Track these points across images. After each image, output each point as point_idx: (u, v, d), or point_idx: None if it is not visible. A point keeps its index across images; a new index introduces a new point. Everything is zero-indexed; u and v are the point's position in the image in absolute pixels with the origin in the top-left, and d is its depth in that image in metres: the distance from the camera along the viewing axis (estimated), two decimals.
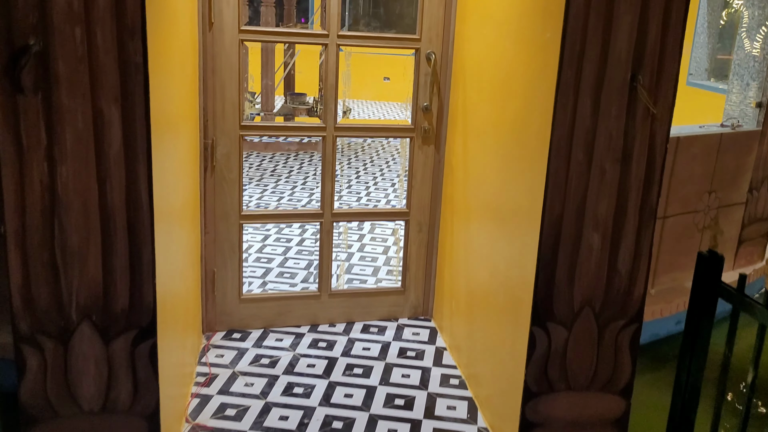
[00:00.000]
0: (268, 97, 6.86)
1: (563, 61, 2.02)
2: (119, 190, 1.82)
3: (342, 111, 7.47)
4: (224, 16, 2.86)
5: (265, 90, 6.88)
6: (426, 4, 3.07)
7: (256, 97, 7.28)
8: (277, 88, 8.04)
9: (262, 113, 6.85)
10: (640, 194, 2.16)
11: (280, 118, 7.08)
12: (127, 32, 1.74)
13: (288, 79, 8.45)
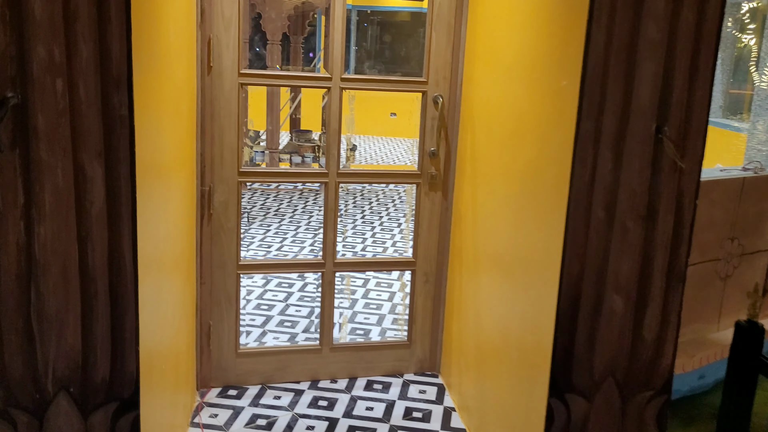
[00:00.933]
0: (273, 134, 6.76)
1: (582, 111, 1.88)
2: (101, 251, 1.68)
3: (348, 148, 7.38)
4: (223, 59, 2.75)
5: (270, 127, 6.79)
6: (433, 47, 2.95)
7: (261, 135, 7.19)
8: (283, 125, 7.96)
9: (266, 151, 6.75)
10: (667, 254, 2.00)
11: (286, 164, 6.99)
12: (111, 84, 1.62)
13: (294, 114, 8.38)
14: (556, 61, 2.04)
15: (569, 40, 1.94)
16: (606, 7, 1.82)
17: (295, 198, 6.76)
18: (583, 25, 1.85)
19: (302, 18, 7.90)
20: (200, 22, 2.69)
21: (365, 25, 14.44)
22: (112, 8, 1.59)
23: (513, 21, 2.38)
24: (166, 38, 2.09)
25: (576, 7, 1.89)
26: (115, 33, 1.60)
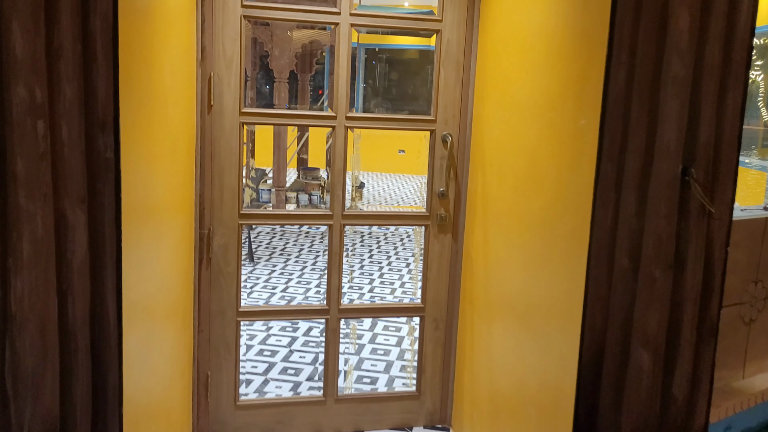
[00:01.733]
0: (280, 172, 6.67)
1: (602, 153, 1.75)
2: (82, 304, 1.54)
3: (356, 186, 7.27)
4: (224, 98, 2.65)
5: (276, 165, 6.71)
6: (441, 84, 2.85)
7: (267, 173, 7.11)
8: (290, 162, 7.89)
9: (273, 189, 6.65)
10: (697, 306, 1.84)
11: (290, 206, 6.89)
12: (97, 125, 1.50)
13: (302, 152, 8.32)
14: (573, 99, 1.92)
15: (587, 77, 1.82)
16: (626, 42, 1.71)
17: (301, 237, 6.64)
18: (601, 61, 1.73)
19: (310, 56, 7.88)
20: (200, 59, 2.60)
21: (374, 63, 14.50)
22: (99, 46, 1.49)
23: (526, 58, 2.27)
24: (161, 76, 1.99)
25: (594, 43, 1.78)
26: (102, 72, 1.50)
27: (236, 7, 2.61)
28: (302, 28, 6.61)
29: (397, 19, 2.87)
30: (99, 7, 1.48)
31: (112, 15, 1.49)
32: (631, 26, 1.70)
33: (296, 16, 2.72)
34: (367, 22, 2.80)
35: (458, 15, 2.81)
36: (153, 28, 1.87)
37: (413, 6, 12.03)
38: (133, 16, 1.65)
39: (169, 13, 2.08)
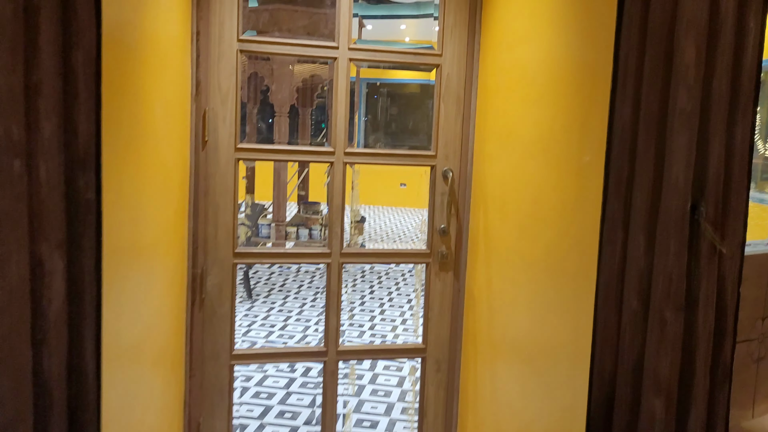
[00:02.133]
0: (279, 207, 6.61)
1: (608, 190, 1.67)
2: (59, 356, 1.45)
3: (356, 220, 7.20)
4: (219, 133, 2.59)
5: (276, 200, 6.65)
6: (442, 119, 2.79)
7: (267, 207, 7.05)
8: (290, 196, 7.84)
9: (272, 224, 6.58)
10: (710, 349, 1.74)
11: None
12: (77, 164, 1.44)
13: (302, 186, 8.27)
14: (576, 135, 1.85)
15: (591, 111, 1.76)
16: (631, 75, 1.64)
17: (301, 272, 6.55)
18: (606, 95, 1.67)
19: (311, 90, 7.89)
20: (195, 94, 2.55)
21: (375, 97, 14.56)
22: (81, 81, 1.43)
23: (528, 92, 2.21)
24: (151, 112, 1.93)
25: (598, 77, 1.72)
26: (83, 108, 1.43)
27: (232, 41, 2.57)
28: (303, 62, 6.61)
29: (397, 53, 2.82)
30: (82, 41, 1.42)
31: (95, 49, 1.44)
32: (636, 60, 1.64)
33: (294, 50, 2.68)
34: (365, 56, 2.76)
35: (458, 49, 2.77)
36: (142, 62, 1.81)
37: (413, 41, 12.12)
38: (119, 50, 1.60)
39: (161, 47, 2.03)
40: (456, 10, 2.75)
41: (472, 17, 2.76)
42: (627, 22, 1.63)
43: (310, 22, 5.48)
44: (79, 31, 1.41)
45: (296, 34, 5.52)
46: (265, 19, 5.45)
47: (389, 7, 9.52)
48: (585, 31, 1.80)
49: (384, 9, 9.61)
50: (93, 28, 1.42)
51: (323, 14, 5.54)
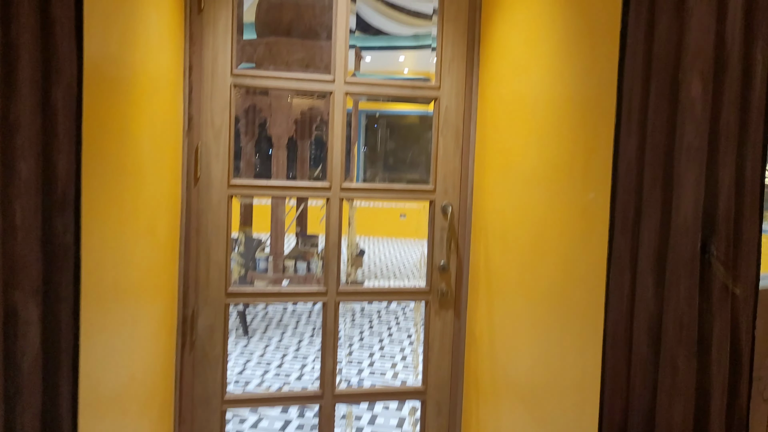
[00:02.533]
0: (277, 240, 6.54)
1: (614, 229, 1.60)
2: (32, 411, 1.36)
3: (355, 253, 7.12)
4: (212, 169, 2.53)
5: (274, 233, 6.58)
6: (440, 153, 2.73)
7: (265, 241, 6.97)
8: (289, 228, 7.76)
9: (270, 257, 6.50)
10: (725, 395, 1.65)
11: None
12: (55, 206, 1.36)
13: (301, 219, 8.20)
14: (580, 171, 1.78)
15: (594, 147, 1.69)
16: (636, 110, 1.58)
17: (299, 306, 6.44)
18: (610, 130, 1.60)
19: (309, 122, 7.86)
20: (187, 130, 2.49)
21: (375, 127, 14.58)
22: (60, 119, 1.36)
23: (528, 126, 2.15)
24: (138, 148, 1.87)
25: (601, 111, 1.65)
26: (62, 147, 1.37)
27: (226, 75, 2.52)
28: (302, 95, 6.59)
29: (394, 86, 2.78)
30: (62, 77, 1.36)
31: (76, 86, 1.38)
32: (641, 94, 1.58)
33: (289, 84, 2.63)
34: (362, 90, 2.71)
35: (456, 82, 2.72)
36: (129, 97, 1.75)
37: (412, 72, 12.16)
38: (103, 85, 1.53)
39: (150, 82, 1.97)
40: (454, 42, 2.70)
41: (470, 49, 2.71)
42: (630, 55, 1.57)
43: (308, 54, 5.47)
44: (59, 67, 1.35)
45: (293, 66, 5.50)
46: (262, 51, 5.43)
47: (387, 39, 9.57)
48: (587, 63, 1.74)
49: (382, 41, 9.66)
50: (74, 63, 1.36)
51: (320, 46, 5.53)
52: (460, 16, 2.69)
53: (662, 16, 1.56)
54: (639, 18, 1.55)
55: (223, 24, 2.49)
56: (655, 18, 1.56)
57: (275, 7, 5.75)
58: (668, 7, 1.56)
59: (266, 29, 5.78)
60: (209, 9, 2.48)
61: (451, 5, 2.68)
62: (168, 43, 2.20)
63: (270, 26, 5.75)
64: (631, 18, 1.56)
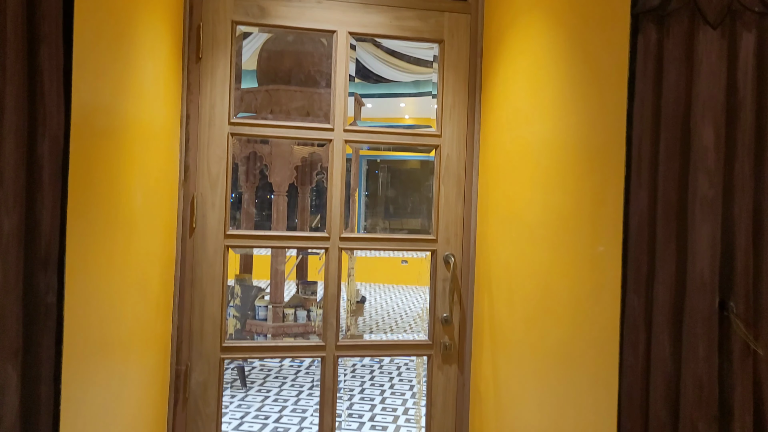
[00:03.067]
0: (277, 288, 6.43)
1: (627, 284, 1.52)
2: None
3: (355, 300, 7.01)
4: (208, 219, 2.46)
5: (274, 281, 6.48)
6: (442, 201, 2.67)
7: (265, 288, 6.87)
8: (289, 275, 7.66)
9: (270, 305, 6.38)
10: None
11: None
12: (38, 263, 1.29)
13: (301, 266, 8.10)
14: (588, 222, 1.71)
15: (603, 198, 1.62)
16: (646, 160, 1.52)
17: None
18: (619, 180, 1.54)
19: (310, 168, 7.84)
20: (183, 180, 2.44)
21: (376, 172, 14.59)
22: (46, 172, 1.30)
23: (532, 174, 2.09)
24: (130, 200, 1.80)
25: (610, 160, 1.59)
26: (47, 202, 1.30)
27: (223, 124, 2.48)
28: (302, 144, 6.58)
29: (394, 134, 2.73)
30: (49, 129, 1.30)
31: (63, 138, 1.32)
32: (651, 143, 1.52)
33: (287, 133, 2.58)
34: (362, 138, 2.66)
35: (458, 129, 2.68)
36: (121, 148, 1.70)
37: (413, 119, 12.24)
38: (93, 136, 1.48)
39: (145, 131, 1.92)
40: (454, 89, 2.67)
41: (472, 96, 2.68)
42: (639, 103, 1.52)
43: (308, 102, 5.47)
44: (46, 119, 1.29)
45: (293, 114, 5.50)
46: (260, 100, 5.44)
47: (388, 86, 9.64)
48: (593, 111, 1.69)
49: (383, 88, 9.73)
50: (61, 114, 1.31)
51: (320, 94, 5.53)
52: (460, 63, 2.67)
53: (671, 63, 1.51)
54: (647, 66, 1.51)
55: (221, 72, 2.46)
56: (663, 66, 1.52)
57: (276, 55, 5.79)
58: (677, 54, 1.51)
59: (267, 77, 5.80)
60: (208, 57, 2.46)
61: (452, 52, 2.66)
62: (165, 91, 2.17)
63: (271, 74, 5.78)
64: (639, 66, 1.51)
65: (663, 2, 1.50)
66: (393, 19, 2.61)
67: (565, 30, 1.86)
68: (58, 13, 1.29)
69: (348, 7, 2.57)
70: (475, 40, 2.66)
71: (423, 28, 2.63)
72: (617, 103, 1.56)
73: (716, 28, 1.52)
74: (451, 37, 2.66)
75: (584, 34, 1.75)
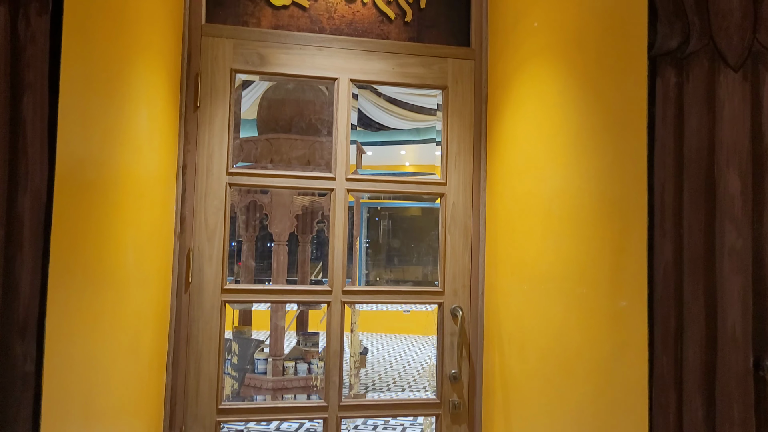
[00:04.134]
0: (277, 341, 6.27)
1: (654, 343, 1.41)
2: None
3: (358, 352, 6.83)
4: (205, 273, 2.36)
5: (274, 333, 6.32)
6: (449, 251, 2.57)
7: (265, 341, 6.70)
8: (289, 326, 7.49)
9: (270, 359, 6.21)
10: None
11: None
12: (15, 330, 1.18)
13: (301, 317, 7.94)
14: (607, 275, 1.60)
15: (624, 248, 1.52)
16: (670, 209, 1.43)
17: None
18: (641, 231, 1.45)
19: (311, 216, 7.75)
20: (179, 232, 2.34)
21: (376, 220, 14.50)
22: (27, 231, 1.20)
23: (544, 224, 2.00)
24: (120, 255, 1.70)
25: (629, 210, 1.50)
26: (27, 261, 1.20)
27: (221, 174, 2.40)
28: (302, 194, 6.52)
29: (398, 183, 2.65)
30: (31, 183, 1.21)
31: (46, 193, 1.23)
32: (674, 191, 1.43)
33: (288, 182, 2.50)
34: (364, 187, 2.58)
35: (463, 177, 2.59)
36: (111, 201, 1.60)
37: (412, 166, 12.21)
38: (79, 190, 1.39)
39: (138, 183, 1.84)
40: (459, 136, 2.60)
41: (477, 143, 2.60)
42: (660, 151, 1.43)
43: (309, 151, 5.42)
44: (28, 172, 1.20)
45: (292, 164, 5.45)
46: (260, 149, 5.39)
47: (389, 134, 9.64)
48: (609, 158, 1.61)
49: (384, 135, 9.73)
50: (45, 167, 1.22)
51: (320, 143, 5.49)
52: (465, 109, 2.60)
53: (692, 108, 1.43)
54: (666, 111, 1.43)
55: (220, 121, 2.39)
56: (684, 110, 1.44)
57: (277, 104, 5.76)
58: (698, 98, 1.43)
59: (268, 126, 5.77)
60: (206, 106, 2.39)
61: (456, 98, 2.59)
62: (160, 140, 2.09)
63: (271, 123, 5.74)
64: (658, 111, 1.43)
65: (681, 44, 1.43)
66: (395, 65, 2.55)
67: (577, 75, 1.79)
68: (44, 60, 1.22)
69: (349, 54, 2.52)
70: (479, 86, 2.60)
71: (426, 75, 2.58)
72: (636, 150, 1.47)
73: (737, 71, 1.45)
74: (455, 84, 2.60)
75: (597, 78, 1.68)
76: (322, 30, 2.53)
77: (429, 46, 2.58)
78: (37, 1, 1.20)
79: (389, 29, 2.59)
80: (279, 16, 2.50)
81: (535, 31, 2.11)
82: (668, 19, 1.41)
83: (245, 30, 2.45)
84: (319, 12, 2.53)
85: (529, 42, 2.16)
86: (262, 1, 2.49)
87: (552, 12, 1.95)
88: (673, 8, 1.41)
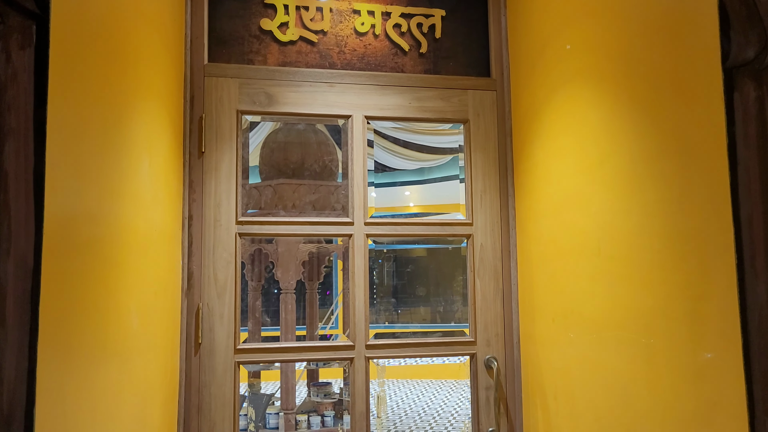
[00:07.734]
0: (288, 393, 5.99)
1: (755, 404, 1.19)
2: None
3: (372, 403, 6.53)
4: (216, 333, 2.15)
5: (285, 385, 6.04)
6: (479, 297, 2.36)
7: (275, 393, 6.42)
8: (301, 376, 7.22)
9: (281, 412, 5.93)
10: None
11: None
12: (1, 420, 0.98)
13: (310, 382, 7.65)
14: (683, 324, 1.39)
15: (705, 293, 1.32)
16: (761, 244, 1.23)
17: None
18: (728, 271, 1.24)
19: (318, 262, 7.55)
20: (186, 289, 2.14)
21: (380, 261, 14.25)
22: (11, 302, 1.00)
23: (592, 265, 1.79)
24: (124, 321, 1.50)
25: (709, 246, 1.30)
26: (11, 339, 1.00)
27: (230, 224, 2.21)
28: (308, 241, 6.32)
29: (421, 225, 2.46)
30: (14, 246, 1.02)
31: (32, 258, 1.03)
32: (764, 224, 1.23)
33: (302, 230, 2.30)
34: (385, 231, 2.38)
35: (491, 216, 2.40)
36: (109, 261, 1.41)
37: (417, 207, 12.03)
38: (71, 251, 1.19)
39: (140, 239, 1.64)
40: (484, 173, 2.41)
41: (503, 179, 2.42)
42: (743, 176, 1.24)
43: (319, 196, 5.24)
44: (11, 234, 1.01)
45: (303, 210, 5.26)
46: (267, 195, 5.22)
47: (393, 175, 9.49)
48: (676, 188, 1.41)
49: (389, 177, 9.58)
50: (31, 227, 1.03)
51: (332, 187, 5.32)
52: (489, 144, 2.43)
53: None
54: (748, 129, 1.24)
55: (226, 167, 2.21)
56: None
57: (280, 148, 5.61)
58: None
59: (271, 171, 5.60)
60: (211, 152, 2.21)
61: (478, 133, 2.42)
62: (164, 191, 1.90)
63: (275, 168, 5.59)
64: (738, 130, 1.25)
65: (759, 54, 1.25)
66: (412, 100, 2.38)
67: (624, 97, 1.61)
68: (28, 101, 1.04)
69: (363, 89, 2.35)
70: (503, 118, 2.43)
71: (446, 108, 2.41)
72: (714, 177, 1.28)
73: None
74: (477, 117, 2.43)
75: (651, 99, 1.50)
76: (333, 65, 2.37)
77: (447, 77, 2.42)
78: (19, 33, 1.03)
79: (404, 62, 2.43)
80: (286, 53, 2.34)
81: (567, 55, 1.94)
82: (742, 25, 1.24)
83: (251, 68, 2.29)
84: (329, 46, 2.38)
85: (560, 67, 1.99)
86: (268, 37, 2.34)
87: (590, 31, 1.79)
88: (747, 13, 1.24)
